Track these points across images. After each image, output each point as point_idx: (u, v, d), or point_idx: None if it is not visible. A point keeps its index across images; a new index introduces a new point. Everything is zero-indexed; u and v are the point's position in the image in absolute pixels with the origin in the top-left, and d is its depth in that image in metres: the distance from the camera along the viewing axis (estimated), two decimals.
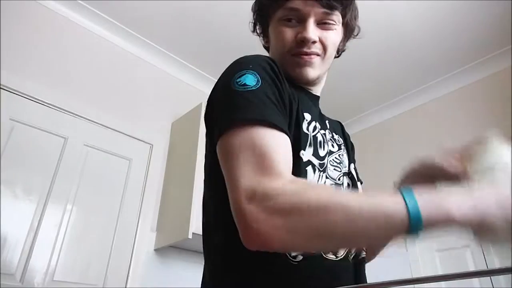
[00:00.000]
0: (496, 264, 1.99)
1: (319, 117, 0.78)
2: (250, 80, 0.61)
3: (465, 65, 2.55)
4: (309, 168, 0.65)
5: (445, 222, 0.45)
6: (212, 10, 2.25)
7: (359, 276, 0.68)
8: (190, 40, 2.49)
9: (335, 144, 0.77)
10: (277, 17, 0.75)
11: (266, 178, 0.51)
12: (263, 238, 0.48)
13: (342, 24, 0.78)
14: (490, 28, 2.27)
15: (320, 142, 0.71)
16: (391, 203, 0.46)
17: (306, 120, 0.69)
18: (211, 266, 0.68)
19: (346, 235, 0.48)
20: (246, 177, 0.51)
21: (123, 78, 2.39)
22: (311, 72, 0.74)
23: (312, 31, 0.72)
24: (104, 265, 1.93)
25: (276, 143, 0.56)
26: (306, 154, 0.66)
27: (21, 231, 1.72)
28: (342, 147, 0.80)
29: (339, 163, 0.74)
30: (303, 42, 0.72)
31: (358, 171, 0.90)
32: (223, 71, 0.68)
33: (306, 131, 0.68)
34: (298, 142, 0.65)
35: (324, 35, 0.74)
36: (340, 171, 0.73)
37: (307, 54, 0.72)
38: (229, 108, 0.59)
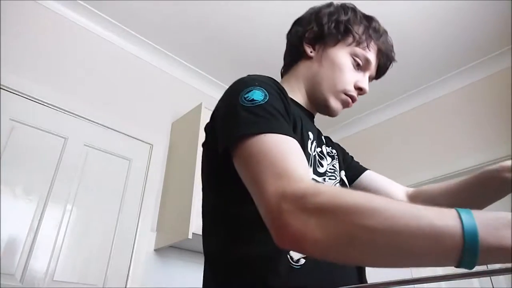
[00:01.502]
0: (496, 264, 1.99)
1: (317, 134, 0.83)
2: (258, 95, 0.62)
3: (465, 65, 2.55)
4: None
5: (503, 253, 0.39)
6: (212, 10, 2.25)
7: (362, 278, 0.68)
8: (190, 40, 2.49)
9: (328, 157, 0.82)
10: (350, 50, 0.83)
11: (291, 180, 0.50)
12: (296, 236, 0.45)
13: None
14: (490, 28, 2.26)
15: (319, 160, 0.75)
16: (442, 216, 0.40)
17: (310, 140, 0.73)
18: (210, 271, 0.68)
19: (383, 245, 0.41)
20: (272, 181, 0.50)
21: (123, 78, 2.39)
22: (341, 111, 0.86)
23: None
24: (104, 265, 1.92)
25: (291, 148, 0.56)
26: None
27: (21, 231, 1.72)
28: (335, 157, 0.86)
29: (334, 172, 0.79)
30: (361, 90, 0.84)
31: (360, 163, 1.00)
32: (228, 87, 0.69)
33: (310, 151, 0.72)
34: None
35: None
36: (335, 179, 0.78)
37: (353, 99, 0.83)
38: (239, 123, 0.59)
